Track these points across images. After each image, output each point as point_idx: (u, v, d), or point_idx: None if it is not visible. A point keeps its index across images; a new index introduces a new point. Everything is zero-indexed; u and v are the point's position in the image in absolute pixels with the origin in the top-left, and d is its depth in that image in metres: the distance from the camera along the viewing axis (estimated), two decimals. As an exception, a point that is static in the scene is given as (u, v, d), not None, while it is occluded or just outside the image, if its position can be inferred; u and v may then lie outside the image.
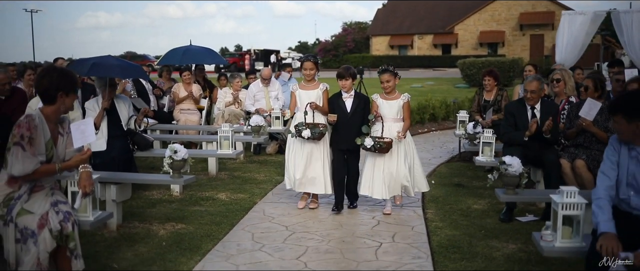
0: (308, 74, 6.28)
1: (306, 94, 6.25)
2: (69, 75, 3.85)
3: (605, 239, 3.22)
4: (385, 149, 5.87)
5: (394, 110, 6.06)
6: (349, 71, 6.22)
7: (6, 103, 6.68)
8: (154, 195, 6.98)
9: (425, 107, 13.67)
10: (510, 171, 4.96)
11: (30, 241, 3.53)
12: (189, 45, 11.56)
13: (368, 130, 5.97)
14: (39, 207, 3.62)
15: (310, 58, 6.35)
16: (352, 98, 6.20)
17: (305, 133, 6.01)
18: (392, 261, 4.70)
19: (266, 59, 54.64)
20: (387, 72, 6.05)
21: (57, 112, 3.80)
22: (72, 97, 3.86)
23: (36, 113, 3.71)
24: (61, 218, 3.62)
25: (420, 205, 6.50)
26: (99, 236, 5.39)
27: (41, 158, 3.65)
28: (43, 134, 3.68)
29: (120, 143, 6.82)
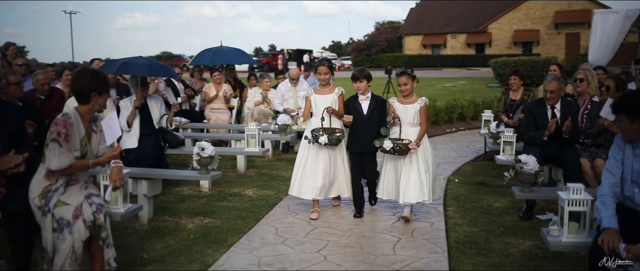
0: (323, 79, 6.14)
1: (321, 99, 6.10)
2: (101, 76, 4.11)
3: (607, 234, 3.33)
4: (405, 151, 5.74)
5: (410, 114, 5.88)
6: (363, 73, 6.08)
7: (45, 103, 7.05)
8: (185, 191, 7.26)
9: (453, 106, 13.73)
10: (526, 169, 5.06)
11: (66, 231, 3.79)
12: (220, 46, 11.86)
13: (387, 132, 5.83)
14: (74, 199, 3.88)
15: (325, 62, 6.21)
16: (368, 100, 6.06)
17: (322, 139, 5.87)
18: (409, 256, 4.86)
19: (299, 58, 54.95)
20: (404, 75, 5.85)
21: (91, 111, 4.06)
22: (105, 97, 4.11)
23: (72, 112, 3.98)
24: (94, 209, 3.87)
25: (442, 203, 6.63)
26: (131, 228, 5.67)
27: (76, 153, 3.91)
28: (78, 131, 3.94)
29: (152, 141, 7.11)
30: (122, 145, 7.01)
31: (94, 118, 4.18)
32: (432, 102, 13.32)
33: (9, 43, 10.23)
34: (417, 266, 4.63)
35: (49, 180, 3.91)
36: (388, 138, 5.76)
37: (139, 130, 7.05)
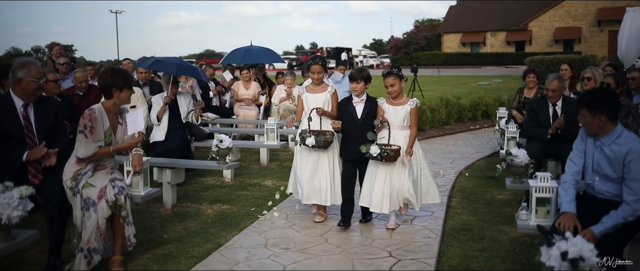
0: (316, 78, 5.79)
1: (313, 98, 5.77)
2: (121, 74, 4.64)
3: (565, 217, 3.70)
4: (393, 157, 5.31)
5: (400, 116, 5.48)
6: (361, 73, 5.64)
7: (83, 99, 7.71)
8: (209, 181, 7.82)
9: (477, 104, 14.00)
10: (516, 162, 5.42)
11: (92, 209, 4.35)
12: (249, 45, 12.43)
13: (374, 137, 5.41)
14: (100, 182, 4.44)
15: (318, 60, 5.85)
16: (363, 103, 5.62)
17: (309, 141, 5.56)
18: (403, 240, 5.28)
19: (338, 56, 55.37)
20: (391, 75, 5.44)
21: (114, 104, 4.61)
22: (126, 92, 4.61)
23: (98, 107, 4.54)
24: (116, 191, 4.41)
25: (447, 194, 7.01)
26: (156, 213, 6.25)
27: (100, 143, 4.47)
28: (102, 124, 4.50)
29: (180, 135, 7.69)
30: (152, 138, 7.65)
31: (119, 111, 4.72)
32: (456, 100, 13.64)
33: (54, 43, 10.99)
34: (409, 249, 5.05)
35: (79, 165, 4.49)
36: (375, 144, 5.36)
37: (168, 124, 7.64)
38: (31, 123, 4.61)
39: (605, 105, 3.82)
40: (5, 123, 4.50)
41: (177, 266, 4.64)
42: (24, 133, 4.56)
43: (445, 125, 13.06)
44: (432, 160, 9.37)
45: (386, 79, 5.47)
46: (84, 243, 4.36)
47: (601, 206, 3.82)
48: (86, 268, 4.35)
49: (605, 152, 3.85)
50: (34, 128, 4.62)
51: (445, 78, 34.16)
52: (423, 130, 12.26)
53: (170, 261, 4.74)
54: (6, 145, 4.52)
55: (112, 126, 4.61)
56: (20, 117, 4.56)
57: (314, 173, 5.76)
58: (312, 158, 5.77)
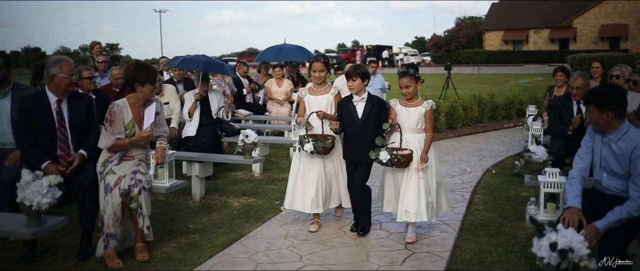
0: (317, 77, 5.47)
1: (315, 100, 5.46)
2: (143, 69, 4.85)
3: (569, 212, 3.77)
4: (404, 163, 4.99)
5: (413, 118, 5.11)
6: (357, 70, 5.30)
7: (119, 95, 7.99)
8: (238, 176, 8.06)
9: (512, 102, 13.93)
10: (534, 158, 5.47)
11: (109, 195, 4.62)
12: (282, 44, 12.65)
13: (382, 142, 5.04)
14: (122, 171, 4.69)
15: (320, 58, 5.51)
16: (364, 102, 5.28)
17: (308, 146, 5.26)
18: (420, 234, 5.38)
19: (378, 54, 55.38)
20: (406, 76, 5.07)
21: (137, 98, 4.86)
22: (148, 87, 4.83)
23: (121, 101, 4.80)
24: (132, 183, 4.64)
25: (470, 190, 7.07)
26: (185, 205, 6.51)
27: (119, 135, 4.74)
28: (123, 117, 4.76)
29: (210, 130, 7.95)
30: (184, 133, 7.94)
31: (148, 104, 4.94)
32: (490, 97, 13.59)
33: (95, 42, 11.40)
34: (425, 242, 5.15)
35: (109, 153, 4.80)
36: (385, 149, 5.02)
37: (199, 120, 7.91)
38: (64, 119, 4.89)
39: (612, 101, 3.87)
40: (39, 119, 4.79)
41: (200, 255, 4.85)
42: (56, 129, 4.84)
43: (478, 122, 13.04)
44: (461, 157, 9.42)
45: (401, 80, 5.08)
46: (105, 227, 4.65)
47: (608, 202, 3.86)
48: (102, 251, 4.63)
49: (612, 149, 3.89)
50: (66, 123, 4.90)
51: (485, 76, 33.85)
52: (455, 127, 12.29)
53: (193, 250, 4.97)
54: (38, 140, 4.82)
55: (136, 119, 4.85)
56: (54, 112, 4.85)
57: (323, 179, 5.43)
58: (316, 164, 5.43)
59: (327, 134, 5.37)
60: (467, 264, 4.68)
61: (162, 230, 5.56)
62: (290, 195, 5.53)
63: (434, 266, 4.59)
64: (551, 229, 2.85)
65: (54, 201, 3.85)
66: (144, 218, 4.68)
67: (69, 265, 4.67)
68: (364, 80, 5.29)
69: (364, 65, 5.56)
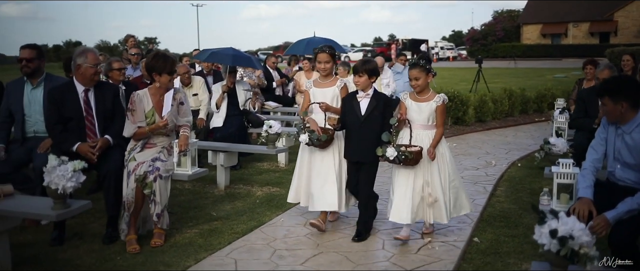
0: (323, 68, 5.21)
1: (321, 93, 5.22)
2: (160, 60, 5.00)
3: (580, 203, 3.78)
4: (413, 160, 4.69)
5: (424, 114, 4.85)
6: (365, 65, 4.99)
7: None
8: (264, 166, 8.21)
9: (544, 95, 13.78)
10: (554, 150, 5.47)
11: (128, 179, 4.83)
12: (312, 36, 12.76)
13: (389, 138, 4.76)
14: (142, 158, 4.87)
15: (325, 49, 5.19)
16: (368, 98, 5.00)
17: (303, 137, 5.07)
18: (440, 225, 5.38)
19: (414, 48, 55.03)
20: (416, 67, 4.83)
21: (157, 88, 5.02)
22: (165, 77, 4.98)
23: (142, 91, 4.99)
24: (149, 169, 4.80)
25: (493, 183, 7.07)
26: (209, 193, 6.68)
27: (141, 124, 4.94)
28: (144, 106, 4.94)
29: (237, 121, 8.12)
30: (212, 124, 8.13)
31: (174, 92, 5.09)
32: (521, 91, 13.46)
33: (129, 35, 11.70)
34: (441, 232, 5.20)
35: (134, 142, 5.02)
36: (392, 146, 4.73)
37: (226, 111, 8.07)
38: (91, 107, 5.09)
39: (626, 92, 3.86)
40: (67, 108, 5.01)
41: (220, 240, 5.00)
42: (84, 117, 5.04)
43: (508, 116, 12.95)
44: (488, 150, 9.40)
45: (411, 71, 4.86)
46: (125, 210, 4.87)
47: (622, 193, 3.85)
48: (124, 236, 4.88)
49: (626, 140, 3.89)
50: (93, 112, 5.09)
51: (520, 70, 33.40)
52: (484, 121, 12.24)
53: (214, 236, 5.12)
54: (66, 128, 5.03)
55: (156, 108, 5.01)
56: (81, 101, 5.05)
57: (319, 175, 5.18)
58: (317, 158, 5.22)
59: (328, 127, 5.09)
60: (482, 254, 4.72)
61: (186, 216, 5.75)
62: (294, 188, 5.41)
63: (448, 255, 4.64)
64: (552, 216, 2.89)
65: (79, 185, 4.03)
66: (155, 205, 4.84)
67: (94, 247, 4.87)
68: (372, 77, 4.99)
69: (374, 61, 5.22)
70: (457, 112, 11.59)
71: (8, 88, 5.58)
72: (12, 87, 5.54)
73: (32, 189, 5.12)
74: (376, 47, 59.18)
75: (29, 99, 5.46)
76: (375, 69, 5.03)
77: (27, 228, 5.40)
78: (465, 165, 8.20)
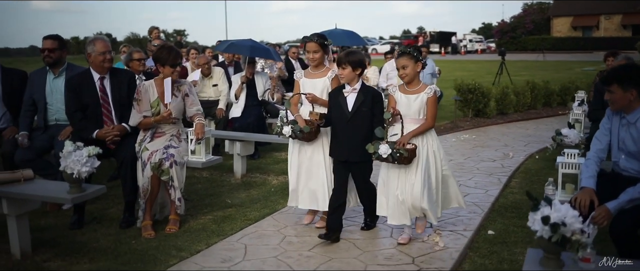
0: (312, 58, 4.90)
1: (311, 83, 4.95)
2: (164, 51, 5.10)
3: (582, 193, 3.79)
4: (407, 158, 4.36)
5: (414, 107, 4.47)
6: (348, 57, 4.65)
7: (171, 77, 8.43)
8: (282, 156, 8.31)
9: (568, 88, 13.64)
10: (566, 141, 5.47)
11: (144, 168, 4.96)
12: (333, 28, 12.81)
13: (382, 134, 4.41)
14: (154, 147, 5.02)
15: (314, 38, 4.87)
16: (355, 93, 4.65)
17: (286, 130, 4.85)
18: (449, 214, 5.46)
19: (441, 40, 54.72)
20: (404, 55, 4.47)
21: (161, 78, 5.15)
22: (168, 69, 5.06)
23: (148, 82, 5.19)
24: (163, 156, 4.93)
25: (508, 175, 7.08)
26: (226, 182, 6.83)
27: (147, 113, 5.08)
28: (149, 96, 5.09)
29: (256, 111, 8.24)
30: (231, 114, 8.27)
31: (178, 84, 5.23)
32: (544, 84, 13.35)
33: (153, 27, 11.92)
34: (451, 221, 5.25)
35: (143, 133, 5.15)
36: (385, 142, 4.40)
37: (245, 101, 8.20)
38: (107, 94, 5.25)
39: (637, 79, 3.85)
40: (84, 95, 5.18)
41: (232, 226, 5.13)
42: (100, 104, 5.20)
43: (531, 109, 12.86)
44: (506, 142, 9.38)
45: (398, 60, 4.52)
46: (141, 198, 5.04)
47: (625, 184, 3.85)
48: (140, 222, 5.03)
49: (630, 130, 3.89)
50: (110, 99, 5.26)
51: (549, 63, 32.98)
52: (506, 113, 12.18)
53: (227, 222, 5.25)
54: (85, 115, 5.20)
55: (162, 98, 5.12)
56: (97, 89, 5.22)
57: (309, 171, 4.99)
58: (305, 154, 5.00)
59: (313, 120, 4.82)
60: (489, 243, 4.76)
61: (202, 204, 5.89)
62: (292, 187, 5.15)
63: (455, 243, 4.69)
64: (546, 204, 2.93)
65: (93, 170, 4.19)
66: (175, 191, 4.97)
67: (111, 232, 5.04)
68: (357, 69, 4.64)
69: (359, 52, 4.90)
70: (477, 104, 11.56)
71: (31, 78, 5.77)
72: (35, 76, 5.73)
73: (54, 174, 5.30)
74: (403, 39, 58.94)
75: (51, 88, 5.65)
76: (361, 61, 4.70)
77: (49, 213, 5.61)
78: (482, 157, 8.21)
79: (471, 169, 7.43)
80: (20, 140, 5.46)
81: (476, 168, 7.48)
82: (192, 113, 5.32)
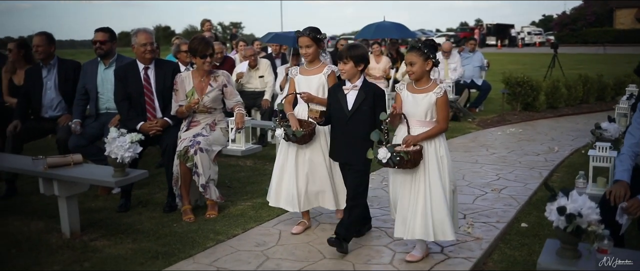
0: (305, 54, 4.62)
1: (306, 81, 4.64)
2: (195, 42, 5.29)
3: (616, 186, 3.77)
4: (410, 163, 3.89)
5: (421, 107, 4.02)
6: (350, 51, 4.30)
7: (219, 68, 8.68)
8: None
9: (623, 82, 13.22)
10: (606, 135, 5.40)
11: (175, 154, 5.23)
12: (381, 21, 12.89)
13: (380, 137, 3.95)
14: (186, 135, 5.25)
15: (306, 32, 4.58)
16: (356, 90, 4.30)
17: (279, 132, 4.57)
18: (483, 206, 5.51)
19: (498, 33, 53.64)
20: (413, 51, 4.03)
21: (196, 69, 5.35)
22: (198, 60, 5.25)
23: (185, 72, 5.44)
24: (189, 144, 5.13)
25: (550, 169, 7.01)
26: (269, 171, 6.86)
27: (182, 103, 5.30)
28: (185, 86, 5.31)
29: (299, 102, 8.40)
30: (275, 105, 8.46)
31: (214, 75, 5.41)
32: (598, 77, 13.01)
33: (205, 19, 12.22)
34: (485, 213, 5.28)
35: (184, 122, 5.41)
36: (384, 146, 3.94)
37: (288, 93, 8.38)
38: (151, 85, 5.51)
39: None
40: (130, 85, 5.46)
41: (269, 213, 5.30)
42: (143, 93, 5.47)
43: (583, 103, 12.58)
44: (554, 136, 9.25)
45: (406, 55, 4.10)
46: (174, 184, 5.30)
47: (659, 178, 3.84)
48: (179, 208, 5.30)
49: (663, 123, 3.85)
50: (153, 89, 5.52)
51: (609, 56, 31.92)
52: (556, 107, 11.96)
53: (265, 209, 5.42)
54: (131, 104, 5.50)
55: (197, 88, 5.33)
56: (141, 79, 5.48)
57: (311, 173, 4.66)
58: (304, 155, 4.67)
59: (310, 121, 4.56)
60: (521, 236, 4.79)
61: (243, 191, 6.10)
62: (274, 188, 4.81)
63: (487, 234, 4.72)
64: (563, 195, 2.97)
65: (135, 155, 4.45)
66: (199, 177, 5.15)
67: (155, 215, 5.31)
68: (359, 65, 4.30)
69: (362, 46, 4.51)
70: (526, 97, 11.40)
71: (84, 68, 6.09)
72: (88, 67, 6.05)
73: (104, 160, 5.55)
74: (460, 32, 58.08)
75: (102, 78, 5.95)
76: (363, 55, 4.33)
77: (99, 196, 5.93)
78: (526, 151, 8.14)
79: (513, 162, 7.39)
80: (73, 127, 5.78)
81: (518, 162, 7.44)
82: (232, 104, 5.51)
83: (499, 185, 6.29)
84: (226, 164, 7.19)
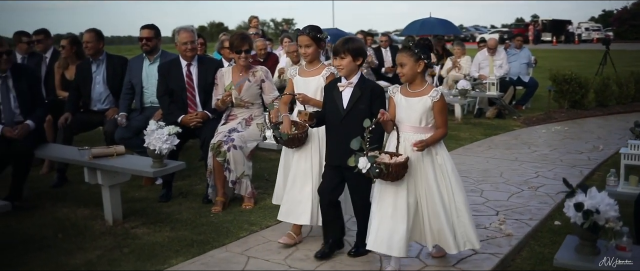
0: (304, 53, 4.39)
1: (304, 83, 4.44)
2: (233, 37, 5.47)
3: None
4: (392, 175, 3.58)
5: (416, 113, 3.73)
6: (347, 45, 4.00)
7: (263, 64, 8.85)
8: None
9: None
10: (644, 133, 5.30)
11: None
12: (427, 17, 12.86)
13: (360, 145, 3.58)
14: (222, 129, 5.41)
15: (306, 31, 4.34)
16: (351, 88, 4.01)
17: (268, 134, 4.48)
18: (517, 203, 5.48)
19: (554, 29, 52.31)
20: (403, 52, 3.77)
21: (237, 65, 5.49)
22: (235, 55, 5.38)
23: (226, 68, 5.59)
24: (223, 139, 5.25)
25: (592, 167, 6.90)
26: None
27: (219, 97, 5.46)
28: (225, 81, 5.46)
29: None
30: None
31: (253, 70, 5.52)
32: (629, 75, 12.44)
33: (253, 16, 12.48)
34: (518, 210, 5.26)
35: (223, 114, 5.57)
36: (364, 154, 3.59)
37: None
38: (193, 80, 5.72)
39: None
40: (172, 81, 5.68)
41: (303, 206, 5.43)
42: (185, 89, 5.68)
43: (635, 101, 12.22)
44: (600, 135, 9.07)
45: (397, 56, 3.84)
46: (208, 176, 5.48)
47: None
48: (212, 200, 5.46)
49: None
50: (195, 84, 5.72)
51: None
52: (606, 105, 11.67)
53: (299, 202, 5.55)
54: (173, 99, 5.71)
55: (235, 83, 5.46)
56: (184, 75, 5.69)
57: (295, 180, 4.40)
58: (292, 159, 4.47)
59: (301, 123, 4.28)
60: (554, 234, 4.76)
61: (278, 184, 6.25)
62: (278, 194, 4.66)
63: (518, 231, 4.72)
64: (581, 191, 2.98)
65: (173, 147, 4.65)
66: (230, 173, 5.27)
67: (194, 205, 5.52)
68: (358, 59, 4.02)
69: (359, 39, 4.20)
70: (574, 95, 11.16)
71: (130, 64, 6.36)
72: (133, 62, 6.31)
73: (147, 151, 5.86)
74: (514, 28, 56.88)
75: (147, 73, 6.20)
76: (361, 49, 4.06)
77: (143, 187, 6.19)
78: (569, 149, 8.02)
79: (554, 160, 7.31)
80: (119, 120, 6.05)
81: (560, 160, 7.34)
82: (269, 99, 5.62)
83: (537, 182, 6.24)
84: (266, 158, 7.37)
